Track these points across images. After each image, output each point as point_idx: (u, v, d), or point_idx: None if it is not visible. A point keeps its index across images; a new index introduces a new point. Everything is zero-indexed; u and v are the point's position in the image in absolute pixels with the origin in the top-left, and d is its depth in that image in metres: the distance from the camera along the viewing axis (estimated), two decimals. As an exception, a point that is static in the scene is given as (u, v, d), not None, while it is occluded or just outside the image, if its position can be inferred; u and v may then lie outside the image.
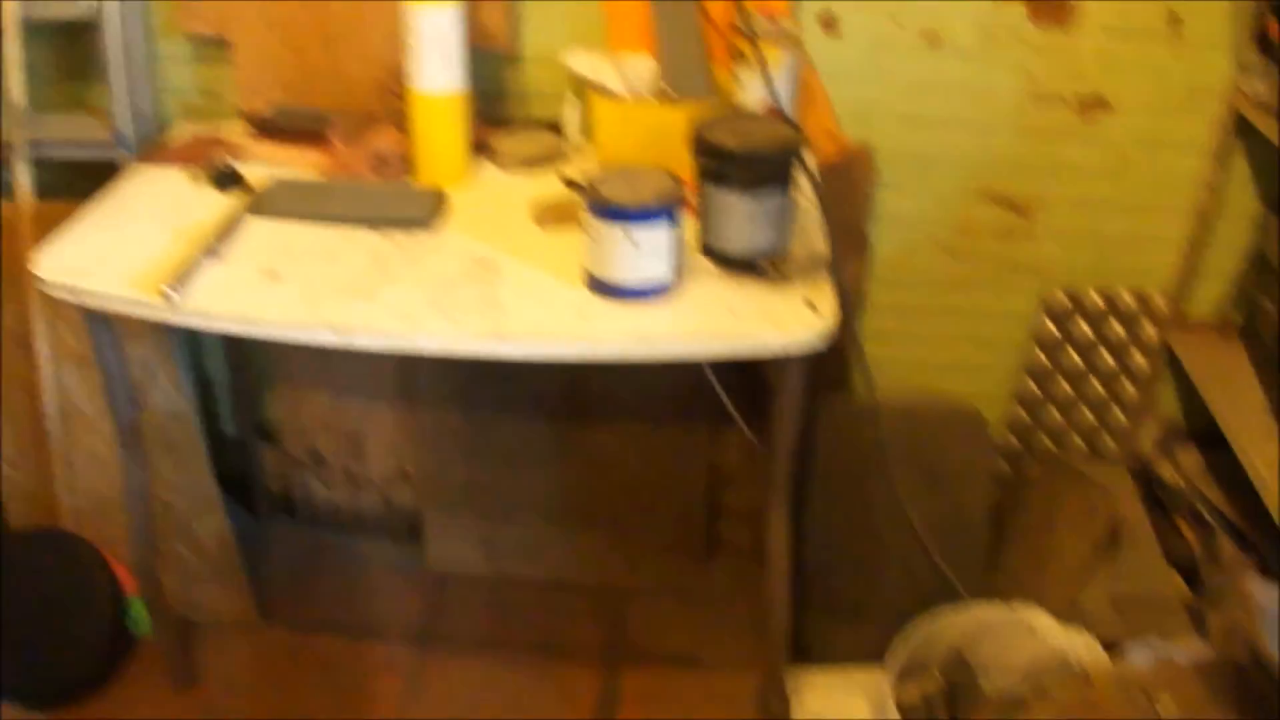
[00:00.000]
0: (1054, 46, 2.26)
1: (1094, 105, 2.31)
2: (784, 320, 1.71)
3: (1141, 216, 2.41)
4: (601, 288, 1.74)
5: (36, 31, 2.34)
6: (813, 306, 1.74)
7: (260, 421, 2.79)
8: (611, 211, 1.67)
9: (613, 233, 1.68)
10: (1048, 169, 2.37)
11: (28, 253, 2.33)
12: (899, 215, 2.44)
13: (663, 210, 1.68)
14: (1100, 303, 2.47)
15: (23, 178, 2.34)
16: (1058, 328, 2.49)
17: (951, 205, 2.43)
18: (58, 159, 2.39)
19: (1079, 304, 2.47)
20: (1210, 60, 2.25)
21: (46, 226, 2.15)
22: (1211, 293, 2.48)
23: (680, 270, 1.77)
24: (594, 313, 1.72)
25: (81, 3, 2.27)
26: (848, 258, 2.36)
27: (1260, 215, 2.37)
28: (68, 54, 2.46)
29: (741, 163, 1.73)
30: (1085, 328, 2.49)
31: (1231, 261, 2.44)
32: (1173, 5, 2.20)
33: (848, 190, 2.33)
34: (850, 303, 1.95)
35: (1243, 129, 2.26)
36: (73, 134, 2.39)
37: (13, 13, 2.25)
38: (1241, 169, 2.35)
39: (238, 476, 2.78)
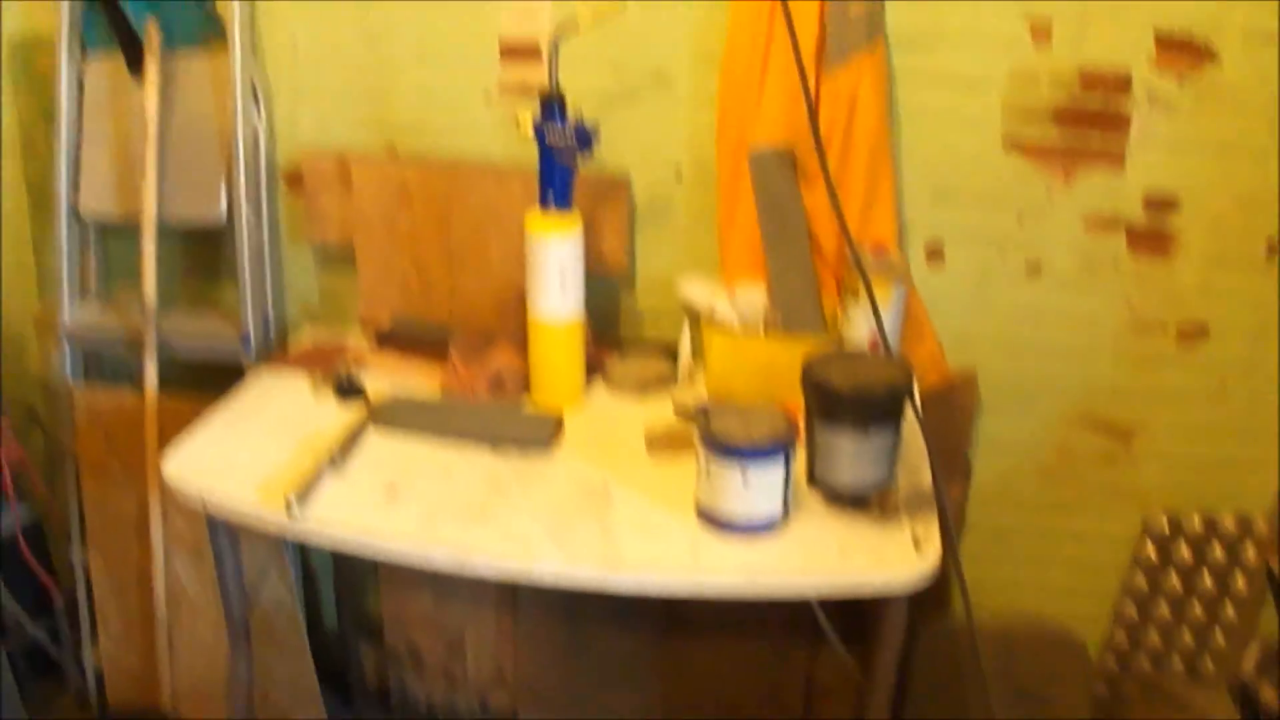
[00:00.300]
0: (1153, 275, 2.31)
1: (1194, 333, 2.34)
2: (890, 558, 1.73)
3: (1242, 441, 2.42)
4: (712, 521, 1.77)
5: (169, 234, 2.46)
6: (918, 545, 1.76)
7: (362, 616, 2.83)
8: (726, 449, 1.71)
9: (726, 470, 1.72)
10: (1148, 395, 2.40)
11: (150, 443, 2.43)
12: (1000, 440, 2.47)
13: (776, 450, 1.72)
14: (1201, 526, 2.47)
15: (150, 371, 2.43)
16: (1158, 551, 2.49)
17: (1052, 430, 2.46)
18: (184, 356, 2.49)
19: (1180, 527, 2.47)
20: (1310, 288, 2.29)
21: (169, 420, 2.25)
22: (1313, 514, 2.46)
23: (790, 505, 1.80)
24: (704, 546, 1.75)
25: (216, 208, 2.40)
26: (950, 482, 2.39)
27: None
28: (198, 254, 2.59)
29: (851, 403, 1.76)
30: (1186, 551, 2.49)
31: (1334, 483, 2.42)
32: (1271, 234, 2.25)
33: (951, 417, 2.37)
34: (953, 531, 1.97)
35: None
36: (200, 333, 2.50)
37: (150, 214, 2.37)
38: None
39: (337, 669, 2.81)
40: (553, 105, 2.02)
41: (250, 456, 1.95)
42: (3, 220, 2.67)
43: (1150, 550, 2.49)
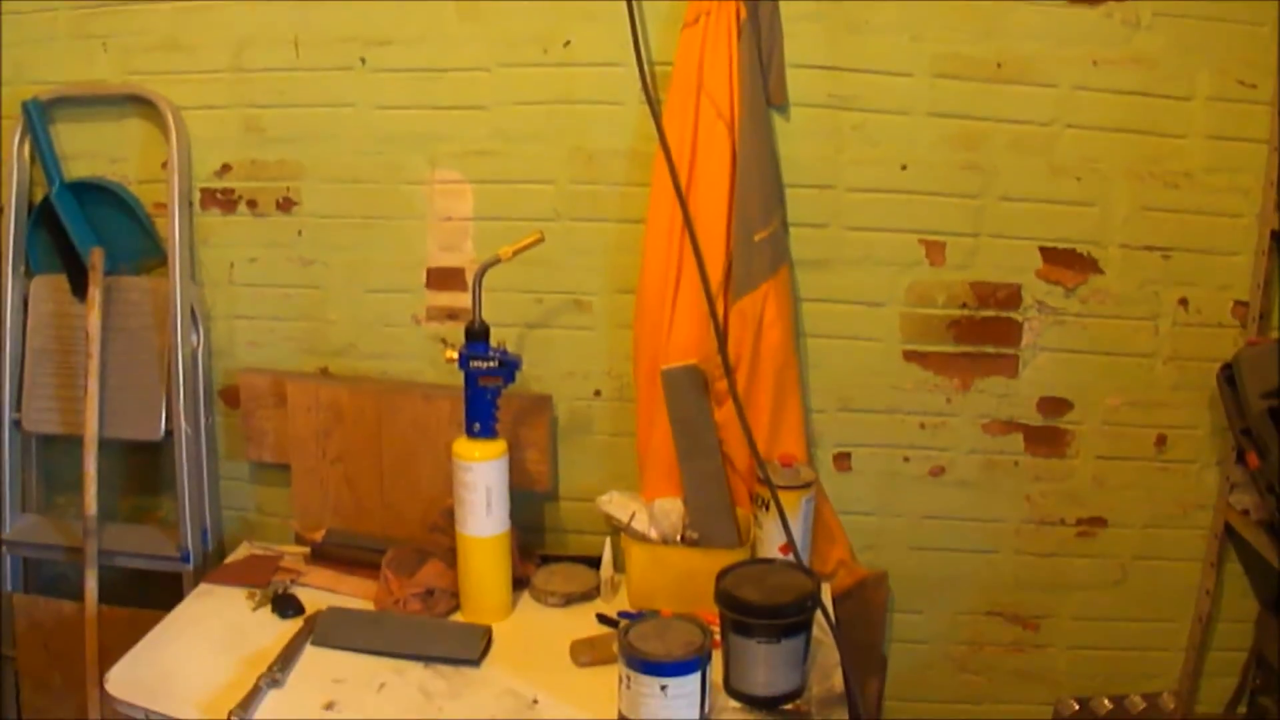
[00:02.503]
0: (1051, 472, 2.44)
1: (1091, 524, 2.46)
2: (805, 762, 1.82)
3: (1145, 623, 2.53)
4: (634, 731, 1.86)
5: (110, 446, 2.52)
6: (832, 748, 1.85)
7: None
8: (645, 664, 1.79)
9: (645, 683, 1.80)
10: (1052, 585, 2.51)
11: (90, 654, 2.46)
12: (913, 634, 2.57)
13: (693, 663, 1.80)
14: (1110, 706, 2.55)
15: (91, 583, 2.48)
16: (1069, 734, 2.58)
17: (962, 623, 2.56)
18: (123, 566, 2.54)
19: (1089, 710, 2.55)
20: (1199, 477, 2.42)
21: (109, 630, 2.29)
22: (1218, 689, 2.55)
23: (707, 712, 1.87)
24: (627, 755, 1.83)
25: (156, 426, 2.48)
26: (867, 677, 2.47)
27: (1258, 614, 2.47)
28: (138, 467, 2.66)
29: (763, 616, 1.86)
30: (1097, 733, 2.58)
31: (1235, 659, 2.51)
32: (1161, 430, 2.40)
33: (865, 614, 2.46)
34: (868, 728, 2.05)
35: (1234, 537, 2.40)
36: (140, 546, 2.56)
37: (92, 431, 2.44)
38: (1235, 573, 2.47)
39: None
40: (478, 336, 2.14)
41: (191, 670, 2.01)
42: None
43: (1061, 734, 2.58)
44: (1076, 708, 2.56)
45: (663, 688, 1.79)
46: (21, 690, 2.65)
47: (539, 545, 2.54)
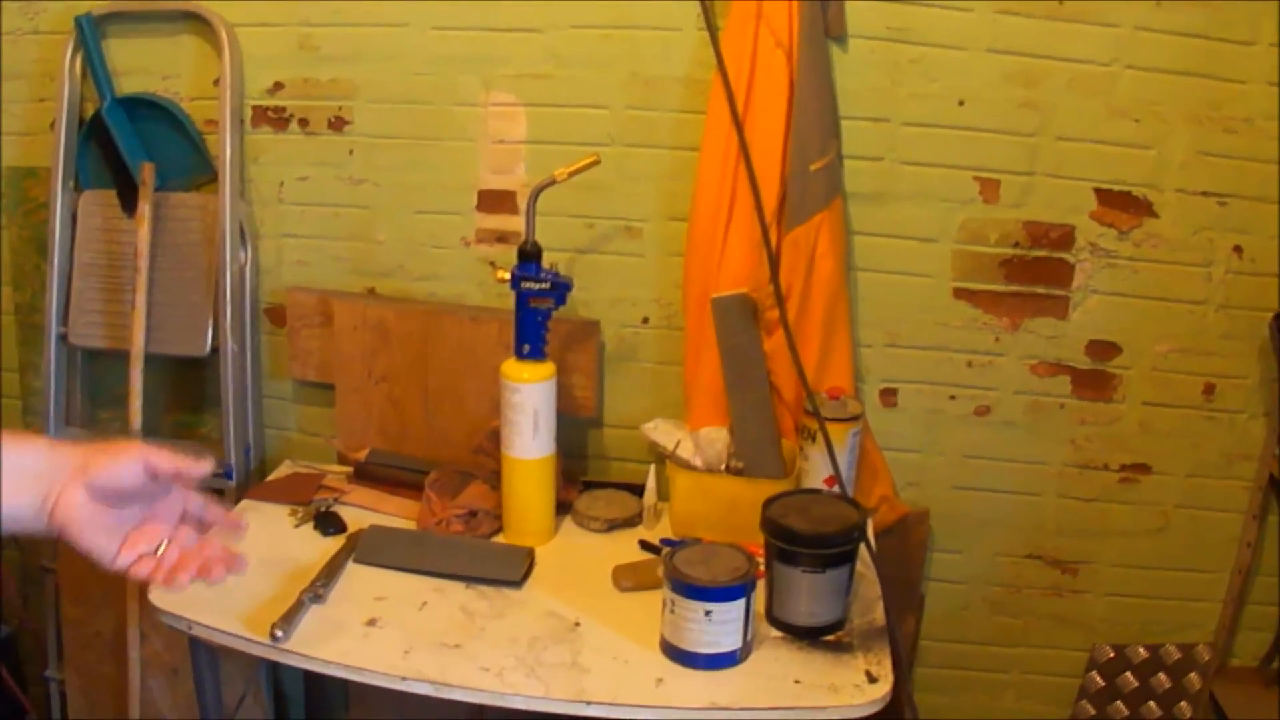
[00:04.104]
0: (1097, 416, 2.43)
1: (1135, 470, 2.46)
2: (845, 690, 1.81)
3: (1184, 573, 2.53)
4: (676, 655, 1.86)
5: (154, 362, 2.53)
6: (872, 678, 1.85)
7: (331, 741, 2.87)
8: (690, 589, 1.80)
9: (690, 607, 1.81)
10: (1093, 530, 2.50)
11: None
12: (952, 573, 2.57)
13: (738, 589, 1.81)
14: (1146, 655, 2.56)
15: (133, 499, 2.49)
16: (1104, 679, 2.57)
17: (1001, 564, 2.56)
18: (166, 485, 2.55)
19: (1125, 657, 2.56)
20: (1245, 428, 2.41)
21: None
22: (1253, 643, 2.56)
23: (750, 639, 1.88)
24: (669, 678, 1.83)
25: (202, 342, 2.49)
26: (904, 615, 2.48)
27: (1298, 569, 2.47)
28: (182, 384, 2.67)
29: (809, 545, 1.87)
30: (1132, 679, 2.57)
31: (1273, 613, 2.52)
32: (1209, 379, 2.38)
33: (905, 552, 2.47)
34: (905, 663, 2.05)
35: (1277, 490, 2.39)
36: (183, 463, 2.56)
37: (138, 346, 2.45)
38: (1277, 526, 2.46)
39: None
40: (530, 257, 2.14)
41: (233, 583, 1.96)
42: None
43: (1096, 679, 2.58)
44: (1112, 655, 2.56)
45: (707, 613, 1.80)
46: (61, 602, 2.68)
47: (582, 471, 2.54)
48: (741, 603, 1.82)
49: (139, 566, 1.17)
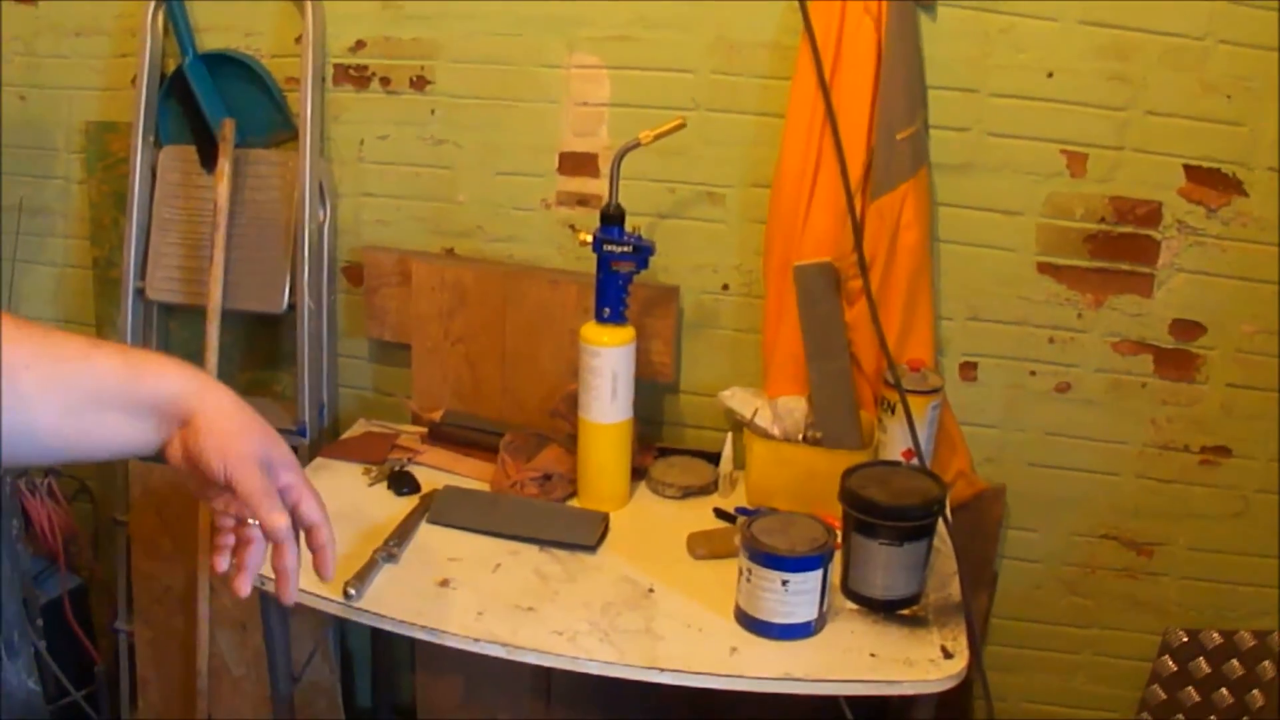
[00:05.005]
0: (1179, 397, 2.39)
1: (1216, 452, 2.41)
2: (919, 664, 1.80)
3: (1261, 558, 2.48)
4: (751, 624, 1.85)
5: (231, 318, 2.55)
6: (947, 653, 1.83)
7: (397, 698, 2.88)
8: (767, 558, 1.79)
9: (766, 577, 1.80)
10: (1170, 512, 2.47)
11: (203, 522, 2.50)
12: (1026, 552, 2.54)
13: (816, 559, 1.79)
14: (1220, 640, 2.52)
15: (207, 458, 2.50)
16: (1176, 664, 2.54)
17: (1076, 544, 2.52)
18: (240, 442, 2.56)
19: (1199, 642, 2.52)
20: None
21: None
22: (1329, 632, 2.52)
23: (825, 610, 1.87)
24: (743, 648, 1.82)
25: (279, 299, 2.50)
26: (977, 591, 2.45)
27: (1377, 561, 2.42)
28: (258, 340, 2.69)
29: (888, 517, 1.85)
30: (1204, 665, 2.54)
31: (1349, 603, 2.48)
32: (1293, 362, 2.33)
33: (980, 528, 2.44)
34: (978, 640, 2.03)
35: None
36: (258, 419, 2.57)
37: (216, 301, 2.46)
38: (1358, 514, 2.41)
39: (370, 750, 2.86)
40: (613, 220, 2.12)
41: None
42: (68, 298, 2.79)
43: (1168, 662, 2.55)
44: (1185, 639, 2.52)
45: (784, 583, 1.79)
46: (132, 555, 2.71)
47: (657, 437, 2.54)
48: (819, 573, 1.80)
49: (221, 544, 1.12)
